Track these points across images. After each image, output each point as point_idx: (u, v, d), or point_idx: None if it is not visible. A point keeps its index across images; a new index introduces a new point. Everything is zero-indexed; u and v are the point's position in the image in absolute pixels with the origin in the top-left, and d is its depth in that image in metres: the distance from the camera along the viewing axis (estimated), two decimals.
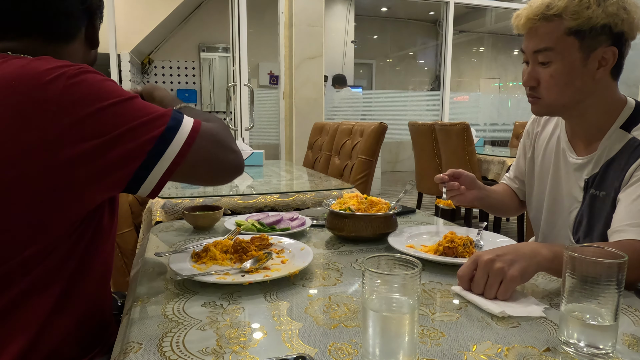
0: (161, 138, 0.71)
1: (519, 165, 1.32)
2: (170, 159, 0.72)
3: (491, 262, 0.76)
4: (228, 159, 0.82)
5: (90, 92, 0.67)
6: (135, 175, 0.70)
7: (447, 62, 5.28)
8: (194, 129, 0.75)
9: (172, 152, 0.72)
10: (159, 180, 0.73)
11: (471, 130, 3.23)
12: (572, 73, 0.97)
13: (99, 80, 0.70)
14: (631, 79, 5.70)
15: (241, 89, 4.03)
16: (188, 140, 0.73)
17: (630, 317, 0.71)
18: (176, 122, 0.73)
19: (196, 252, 0.94)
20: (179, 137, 0.73)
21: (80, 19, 0.81)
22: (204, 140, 0.76)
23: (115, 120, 0.68)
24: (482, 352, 0.60)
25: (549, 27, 0.95)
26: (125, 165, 0.69)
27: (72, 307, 0.75)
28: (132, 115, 0.69)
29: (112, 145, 0.67)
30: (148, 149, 0.70)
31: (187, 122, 0.75)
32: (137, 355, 0.59)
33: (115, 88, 0.71)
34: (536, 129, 1.24)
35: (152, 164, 0.71)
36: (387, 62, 9.29)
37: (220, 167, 0.81)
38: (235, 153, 0.83)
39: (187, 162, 0.74)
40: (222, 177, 0.84)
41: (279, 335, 0.64)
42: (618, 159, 0.98)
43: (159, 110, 0.73)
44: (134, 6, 5.56)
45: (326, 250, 1.06)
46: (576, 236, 1.07)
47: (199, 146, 0.75)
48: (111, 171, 0.68)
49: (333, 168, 2.66)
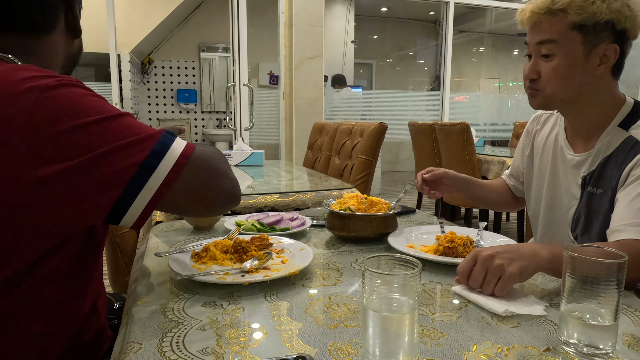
0: (143, 165, 0.61)
1: (515, 163, 1.34)
2: (153, 189, 0.63)
3: (491, 258, 0.76)
4: (222, 187, 0.72)
5: (67, 107, 0.59)
6: (116, 205, 0.61)
7: (447, 62, 5.28)
8: (183, 154, 0.66)
9: (155, 181, 0.63)
10: (141, 213, 0.63)
11: (471, 130, 3.23)
12: (573, 67, 0.98)
13: (80, 95, 0.62)
14: (631, 79, 5.71)
15: (241, 89, 4.03)
16: (175, 167, 0.64)
17: (630, 317, 0.71)
18: (163, 145, 0.64)
19: (196, 252, 0.94)
20: (164, 164, 0.63)
21: (57, 7, 0.74)
22: (195, 167, 0.67)
23: (93, 141, 0.59)
24: (482, 352, 0.60)
25: (554, 20, 0.97)
26: (104, 193, 0.60)
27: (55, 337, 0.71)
28: (112, 136, 0.61)
29: (88, 169, 0.59)
30: (127, 178, 0.61)
31: (177, 145, 0.66)
32: (137, 355, 0.59)
33: (99, 104, 0.63)
34: (535, 127, 1.25)
35: (132, 195, 0.62)
36: (387, 62, 9.29)
37: (213, 198, 0.72)
38: (231, 180, 0.74)
39: (173, 192, 0.65)
40: (215, 208, 0.75)
41: (279, 335, 0.64)
42: (615, 157, 0.99)
43: (147, 131, 0.64)
44: (134, 6, 5.56)
45: (326, 250, 1.06)
46: (574, 233, 1.08)
47: (189, 174, 0.66)
48: (86, 198, 0.60)
49: (333, 168, 2.66)
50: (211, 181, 0.70)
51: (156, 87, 6.98)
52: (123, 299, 1.08)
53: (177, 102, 7.07)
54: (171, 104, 7.09)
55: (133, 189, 0.61)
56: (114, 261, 1.51)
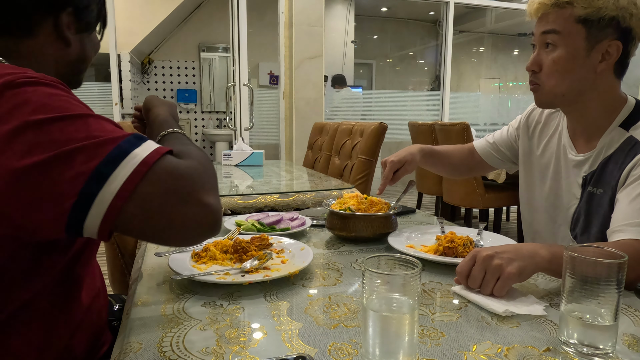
0: (94, 174, 0.52)
1: (503, 137, 1.35)
2: (106, 203, 0.52)
3: (490, 258, 0.76)
4: (187, 216, 0.56)
5: (26, 104, 0.54)
6: (71, 217, 0.53)
7: (447, 62, 5.28)
8: (144, 162, 0.54)
9: (108, 194, 0.52)
10: (99, 229, 0.54)
11: (471, 130, 3.23)
12: (574, 61, 0.98)
13: (46, 94, 0.56)
14: (631, 79, 5.70)
15: (241, 89, 4.04)
16: (132, 176, 0.53)
17: (630, 317, 0.71)
18: (122, 151, 0.54)
19: (196, 252, 0.94)
20: (119, 173, 0.53)
21: (33, 12, 0.69)
22: (158, 180, 0.55)
23: (46, 140, 0.52)
24: (482, 352, 0.60)
25: (560, 12, 0.98)
26: (57, 204, 0.52)
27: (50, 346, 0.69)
28: (68, 138, 0.53)
29: (41, 171, 0.51)
30: (78, 189, 0.52)
31: (141, 151, 0.55)
32: (137, 355, 0.59)
33: (64, 104, 0.56)
34: (535, 122, 1.24)
35: (86, 207, 0.52)
36: (387, 62, 9.29)
37: (173, 227, 0.56)
38: (204, 207, 0.57)
39: (127, 210, 0.53)
40: (180, 238, 0.58)
41: (279, 335, 0.64)
42: (615, 157, 0.99)
43: (108, 134, 0.55)
44: (134, 6, 5.56)
45: (326, 250, 1.06)
46: (574, 232, 1.08)
47: (145, 190, 0.54)
48: (35, 208, 0.52)
49: (333, 168, 2.66)
50: (171, 207, 0.55)
51: (156, 87, 6.97)
52: (123, 300, 1.08)
53: (177, 102, 7.07)
54: None
55: (85, 201, 0.52)
56: (114, 261, 1.51)
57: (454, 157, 1.43)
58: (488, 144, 1.38)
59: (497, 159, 1.37)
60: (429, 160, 1.39)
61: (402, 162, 1.30)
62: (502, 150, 1.35)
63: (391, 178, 1.28)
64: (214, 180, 0.62)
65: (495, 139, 1.37)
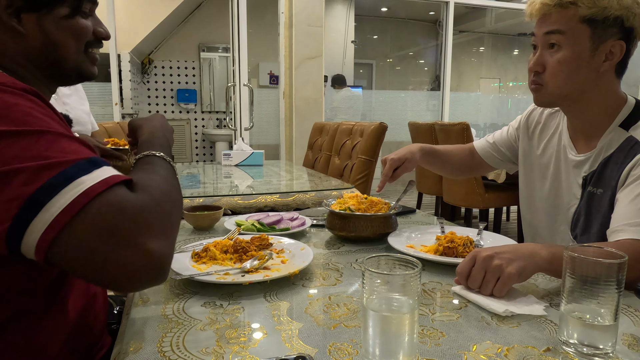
0: (30, 200, 0.48)
1: (503, 137, 1.35)
2: (38, 233, 0.48)
3: (489, 259, 0.76)
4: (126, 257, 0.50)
5: None
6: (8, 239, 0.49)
7: (447, 62, 5.27)
8: (85, 193, 0.49)
9: (40, 224, 0.48)
10: (35, 255, 0.50)
11: (471, 130, 3.23)
12: (579, 62, 0.97)
13: (7, 104, 0.52)
14: (631, 79, 5.70)
15: (241, 89, 4.03)
16: (69, 208, 0.48)
17: (630, 317, 0.71)
18: (65, 178, 0.49)
19: (196, 252, 0.94)
20: (57, 202, 0.48)
21: None
22: (96, 215, 0.49)
23: None
24: (482, 352, 0.60)
25: (563, 13, 0.97)
26: None
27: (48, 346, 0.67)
28: (15, 155, 0.49)
29: None
30: (13, 213, 0.48)
31: (87, 179, 0.50)
32: (137, 355, 0.59)
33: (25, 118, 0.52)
34: (535, 122, 1.24)
35: (20, 232, 0.49)
36: (387, 62, 9.29)
37: (108, 268, 0.50)
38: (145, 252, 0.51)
39: (59, 244, 0.49)
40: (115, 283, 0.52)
41: (279, 335, 0.64)
42: (615, 157, 0.99)
43: (62, 156, 0.51)
44: (134, 6, 5.56)
45: (326, 250, 1.06)
46: (574, 232, 1.08)
47: (80, 225, 0.49)
48: None
49: (333, 168, 2.66)
50: (106, 248, 0.49)
51: (156, 87, 6.97)
52: (123, 302, 1.07)
53: (177, 102, 7.06)
54: (171, 104, 7.08)
55: (19, 228, 0.48)
56: None
57: (454, 156, 1.43)
58: (488, 144, 1.38)
59: (497, 159, 1.37)
60: (429, 159, 1.39)
61: (402, 160, 1.29)
62: (502, 150, 1.35)
63: (391, 176, 1.28)
64: (167, 220, 0.55)
65: (495, 139, 1.37)
